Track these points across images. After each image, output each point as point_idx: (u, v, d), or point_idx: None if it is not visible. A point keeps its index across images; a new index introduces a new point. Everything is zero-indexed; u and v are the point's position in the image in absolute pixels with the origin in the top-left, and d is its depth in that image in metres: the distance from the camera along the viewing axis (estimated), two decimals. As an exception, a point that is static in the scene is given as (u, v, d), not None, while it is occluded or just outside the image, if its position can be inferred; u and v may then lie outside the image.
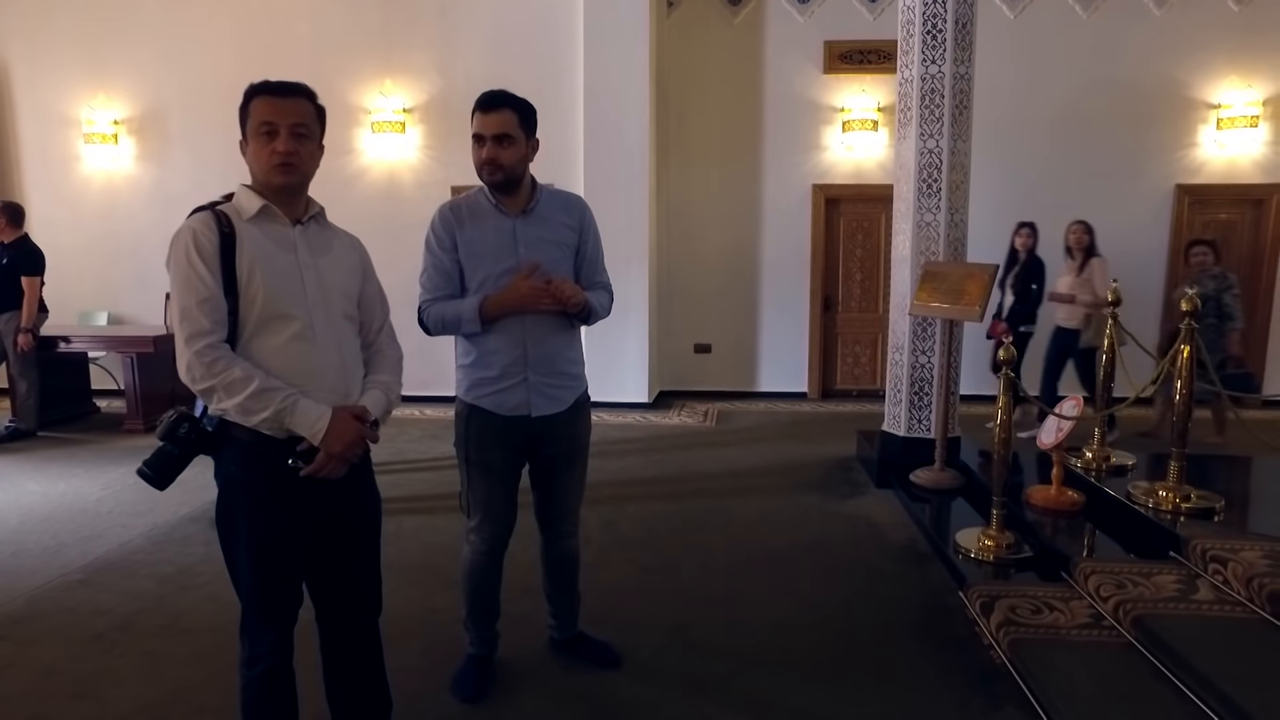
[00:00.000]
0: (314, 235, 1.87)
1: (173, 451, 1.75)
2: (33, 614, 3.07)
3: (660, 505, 4.37)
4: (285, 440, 1.75)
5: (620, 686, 2.58)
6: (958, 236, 4.59)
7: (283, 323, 1.76)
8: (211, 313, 1.69)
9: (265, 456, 1.75)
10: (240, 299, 1.73)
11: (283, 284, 1.77)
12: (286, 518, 1.80)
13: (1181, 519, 3.20)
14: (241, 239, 1.74)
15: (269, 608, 1.85)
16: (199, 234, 1.72)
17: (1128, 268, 6.51)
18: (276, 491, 1.78)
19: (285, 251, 1.81)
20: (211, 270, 1.70)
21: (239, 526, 1.80)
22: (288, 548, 1.82)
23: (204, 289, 1.68)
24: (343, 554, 1.95)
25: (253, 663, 1.85)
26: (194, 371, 1.68)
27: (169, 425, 1.75)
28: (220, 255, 1.72)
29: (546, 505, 2.55)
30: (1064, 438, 3.73)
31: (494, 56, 6.66)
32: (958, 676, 2.64)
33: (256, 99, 1.78)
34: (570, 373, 2.46)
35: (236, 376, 1.68)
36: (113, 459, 5.23)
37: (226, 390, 1.68)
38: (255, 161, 1.78)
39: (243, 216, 1.77)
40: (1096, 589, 2.85)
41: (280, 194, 1.80)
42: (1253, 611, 2.53)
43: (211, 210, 1.76)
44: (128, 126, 7.10)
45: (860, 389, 7.33)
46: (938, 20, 4.40)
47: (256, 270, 1.74)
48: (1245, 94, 6.51)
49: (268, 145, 1.75)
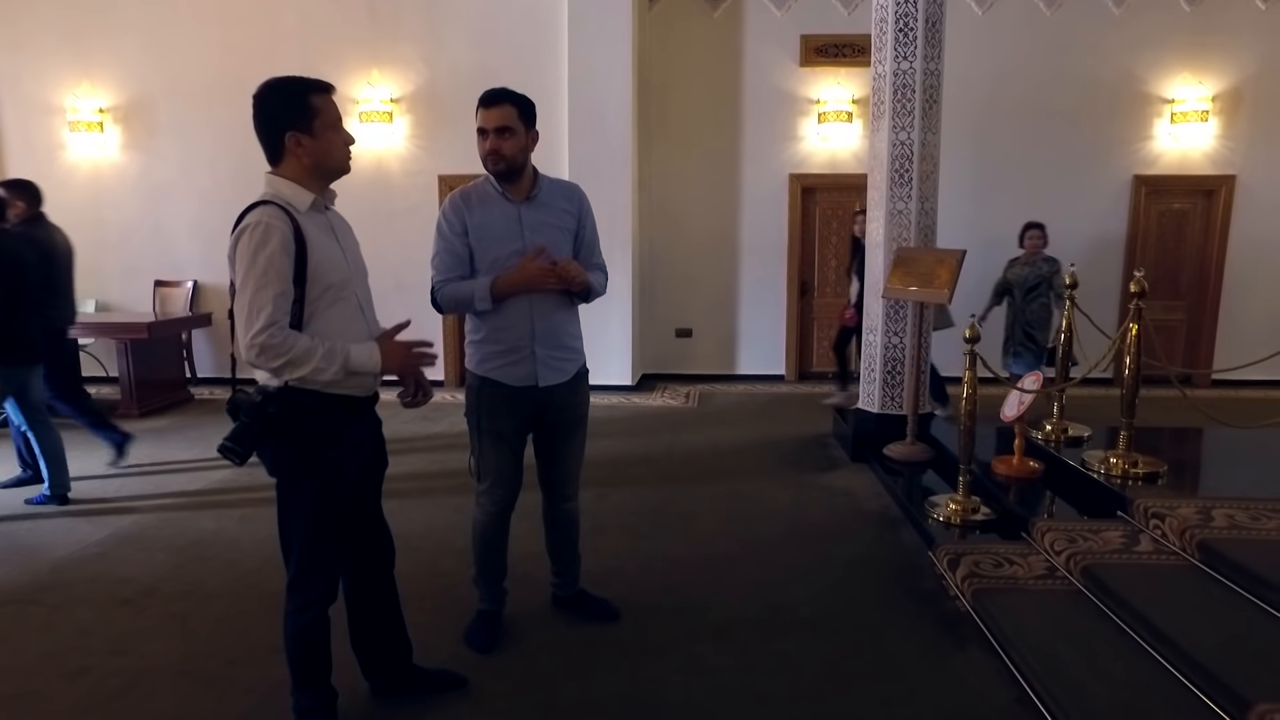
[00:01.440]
0: (336, 220, 2.10)
1: (257, 429, 1.92)
2: (59, 582, 3.23)
3: (648, 480, 4.60)
4: (341, 403, 2.00)
5: (620, 637, 2.81)
6: (928, 224, 4.85)
7: (340, 300, 1.99)
8: (284, 303, 1.88)
9: (321, 414, 1.98)
10: (309, 288, 1.93)
11: (334, 266, 1.99)
12: (341, 473, 2.04)
13: (1129, 483, 3.50)
14: (307, 233, 1.93)
15: (325, 558, 2.08)
16: (281, 230, 1.87)
17: (1089, 253, 6.89)
18: (333, 450, 2.02)
19: (328, 238, 2.03)
20: (289, 264, 1.88)
21: (301, 488, 2.02)
22: (343, 499, 2.07)
23: (280, 282, 1.86)
24: (369, 504, 2.22)
25: (304, 609, 2.07)
26: (268, 353, 1.85)
27: (255, 406, 1.91)
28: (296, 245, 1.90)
29: (550, 469, 2.77)
30: (1025, 410, 4.02)
31: (480, 48, 6.82)
32: (926, 623, 2.91)
33: (321, 96, 1.96)
34: (572, 346, 2.68)
35: (305, 347, 1.89)
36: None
37: (299, 361, 1.88)
38: (333, 153, 1.97)
39: (299, 209, 1.94)
40: (1051, 544, 3.13)
41: (328, 182, 2.03)
42: (1185, 559, 2.82)
43: (277, 206, 1.91)
44: (113, 115, 7.14)
45: (835, 371, 7.59)
46: (909, 19, 4.64)
47: (319, 258, 1.94)
48: (1197, 90, 6.87)
49: (339, 135, 1.97)
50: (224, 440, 1.92)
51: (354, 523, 2.16)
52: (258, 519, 3.89)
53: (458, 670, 2.52)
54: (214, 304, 7.19)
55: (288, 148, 1.95)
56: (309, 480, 2.01)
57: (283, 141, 1.94)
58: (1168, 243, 7.31)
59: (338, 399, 2.00)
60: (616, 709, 2.38)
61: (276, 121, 1.94)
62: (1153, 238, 7.28)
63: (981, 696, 2.43)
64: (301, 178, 1.97)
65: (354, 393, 2.04)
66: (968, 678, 2.54)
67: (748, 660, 2.66)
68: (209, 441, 5.38)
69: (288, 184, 1.96)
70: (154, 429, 5.74)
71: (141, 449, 5.14)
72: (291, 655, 2.11)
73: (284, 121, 1.94)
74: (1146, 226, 7.25)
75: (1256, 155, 6.98)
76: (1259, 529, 2.84)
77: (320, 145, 1.96)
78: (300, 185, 1.97)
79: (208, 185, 7.04)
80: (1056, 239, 7.00)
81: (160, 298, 7.19)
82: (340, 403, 2.01)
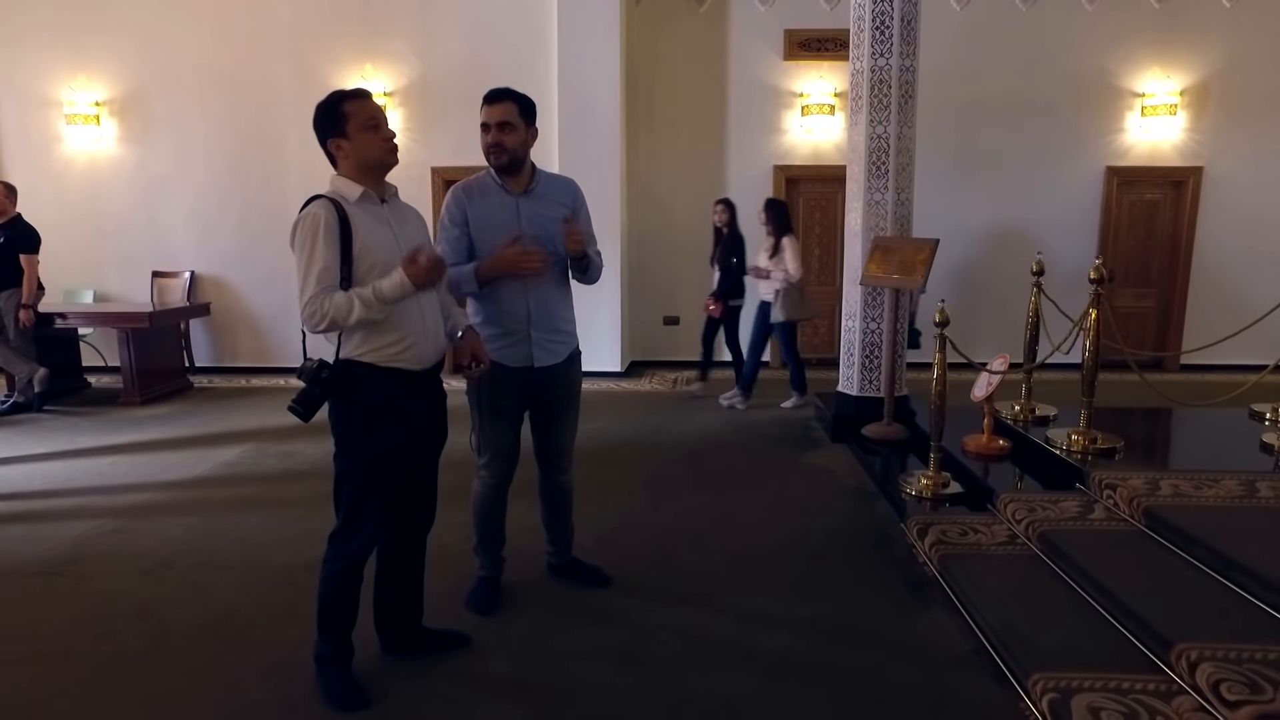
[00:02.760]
0: (395, 210, 2.34)
1: (315, 391, 2.19)
2: (80, 555, 3.41)
3: (636, 459, 4.81)
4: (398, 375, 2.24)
5: (612, 601, 3.02)
6: (904, 214, 5.07)
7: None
8: (328, 278, 2.13)
9: (378, 384, 2.23)
10: (355, 265, 2.18)
11: (384, 251, 2.22)
12: (390, 440, 2.27)
13: (1088, 458, 3.73)
14: (353, 219, 2.19)
15: (369, 516, 2.30)
16: (324, 217, 2.15)
17: (1063, 242, 7.15)
18: (385, 418, 2.25)
19: (381, 225, 2.28)
20: (330, 245, 2.14)
21: (353, 449, 2.27)
22: (390, 464, 2.29)
23: (321, 261, 2.13)
24: (419, 470, 2.44)
25: (340, 558, 2.31)
26: (314, 318, 2.13)
27: (313, 371, 2.19)
28: (340, 233, 2.16)
29: (547, 443, 2.97)
30: (993, 391, 4.25)
31: (471, 43, 6.98)
32: (896, 586, 3.14)
33: (352, 102, 2.21)
34: (566, 330, 2.88)
35: (339, 302, 2.14)
36: (118, 428, 5.50)
37: (340, 314, 2.13)
38: (368, 149, 2.22)
39: (349, 201, 2.21)
40: (1013, 514, 3.36)
41: (379, 175, 2.26)
42: (1132, 525, 3.06)
43: (327, 199, 2.19)
44: (109, 108, 7.25)
45: (819, 357, 7.82)
46: (885, 17, 4.85)
47: (367, 242, 2.20)
48: (1166, 84, 7.11)
49: (378, 135, 2.21)
50: (292, 401, 2.20)
51: (401, 487, 2.37)
52: (263, 500, 4.09)
53: (463, 631, 2.72)
54: (211, 294, 7.33)
55: (333, 153, 2.24)
56: (361, 443, 2.25)
57: (329, 149, 2.24)
58: (1139, 232, 7.56)
59: (394, 371, 2.24)
60: (609, 661, 2.59)
61: (321, 133, 2.24)
62: (1124, 227, 7.54)
63: (944, 650, 2.66)
64: (353, 175, 2.25)
65: (408, 366, 2.26)
66: (932, 634, 2.77)
67: (729, 619, 2.88)
68: (212, 427, 5.57)
69: (342, 180, 2.25)
70: (157, 415, 5.90)
71: (148, 434, 5.31)
72: (321, 601, 2.35)
73: (325, 132, 2.23)
74: (1119, 216, 7.51)
75: (1223, 147, 7.23)
76: (1199, 496, 3.08)
77: (356, 145, 2.22)
78: (352, 181, 2.24)
79: (203, 178, 7.18)
80: (1031, 228, 7.30)
81: (158, 288, 7.32)
82: (397, 375, 2.25)
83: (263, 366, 7.36)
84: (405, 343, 2.25)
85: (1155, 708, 2.10)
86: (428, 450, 2.47)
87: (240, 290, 7.39)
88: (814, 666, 2.57)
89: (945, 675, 2.50)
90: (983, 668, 2.52)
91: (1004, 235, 7.30)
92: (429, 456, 2.49)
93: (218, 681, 2.47)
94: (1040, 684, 2.25)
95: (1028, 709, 2.27)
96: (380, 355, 2.22)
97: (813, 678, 2.50)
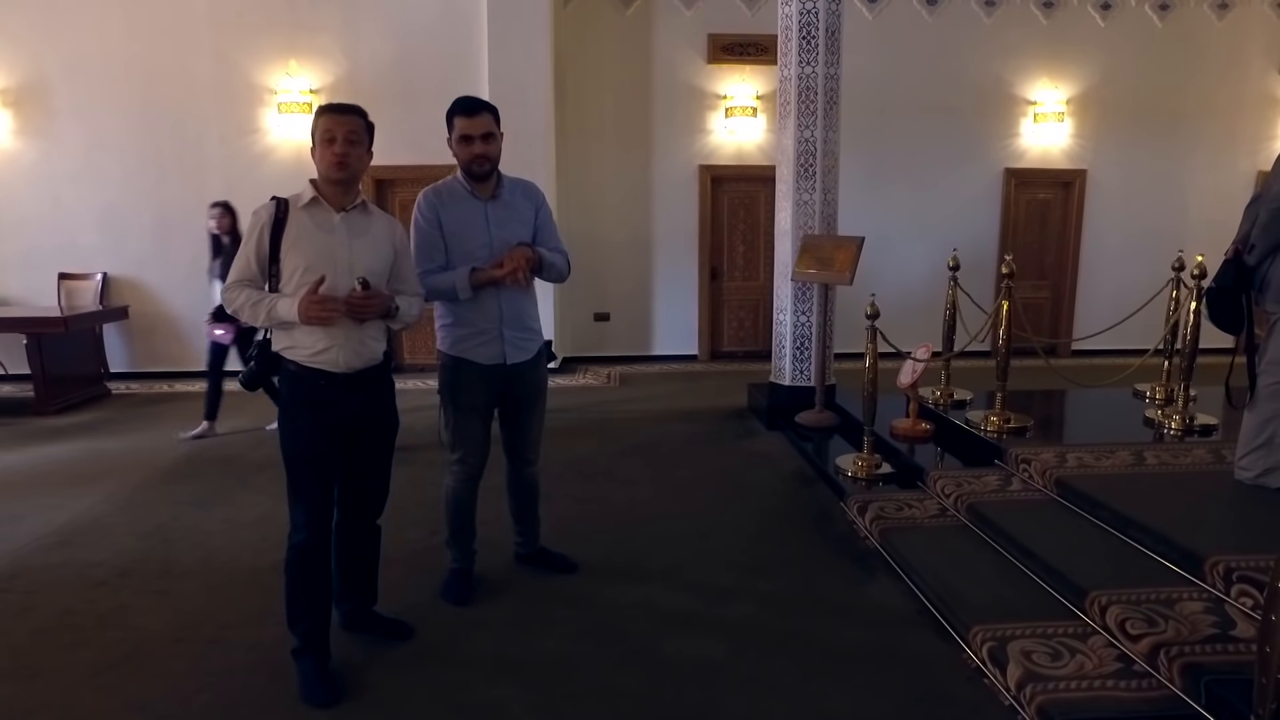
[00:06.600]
0: (353, 221, 2.38)
1: (255, 368, 2.41)
2: (22, 570, 3.30)
3: (582, 452, 4.95)
4: (320, 375, 2.34)
5: (581, 585, 3.17)
6: (830, 213, 5.39)
7: (306, 285, 2.27)
8: (247, 269, 2.32)
9: (302, 380, 2.36)
10: (282, 264, 2.30)
11: (316, 257, 2.30)
12: (316, 423, 2.37)
13: (1003, 436, 4.12)
14: (292, 220, 2.29)
15: (301, 490, 2.40)
16: (262, 215, 2.30)
17: (967, 239, 7.65)
18: (310, 405, 2.37)
19: (324, 232, 2.33)
20: (257, 241, 2.29)
21: (283, 433, 2.40)
22: (315, 444, 2.38)
23: (244, 254, 2.33)
24: (356, 458, 2.50)
25: (293, 534, 2.42)
26: (230, 304, 2.33)
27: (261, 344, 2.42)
28: (271, 230, 2.28)
29: (516, 437, 3.10)
30: (918, 378, 4.60)
31: (399, 41, 6.91)
32: (842, 559, 3.41)
33: (322, 116, 2.30)
34: (533, 328, 3.02)
35: (243, 301, 2.30)
36: (36, 438, 5.25)
37: (242, 310, 2.31)
38: (320, 161, 2.32)
39: (299, 204, 2.31)
40: (942, 489, 3.69)
41: (336, 186, 2.32)
42: (1046, 494, 3.43)
43: (277, 198, 2.30)
44: (3, 98, 6.82)
45: (745, 350, 8.16)
46: (811, 28, 5.14)
47: (297, 245, 2.29)
48: (1054, 93, 7.76)
49: (329, 149, 2.27)
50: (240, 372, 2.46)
51: (334, 474, 2.45)
52: (213, 503, 4.03)
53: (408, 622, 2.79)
54: (127, 296, 7.02)
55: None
56: (288, 434, 2.40)
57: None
58: (1034, 229, 8.21)
59: (316, 370, 2.34)
60: (589, 639, 2.75)
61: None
62: (1022, 224, 8.17)
63: (890, 612, 2.94)
64: (320, 182, 2.36)
65: (328, 368, 2.34)
66: (878, 598, 3.05)
67: (694, 595, 3.08)
68: (140, 433, 5.38)
69: (308, 184, 2.36)
70: (78, 424, 5.65)
71: (72, 443, 5.10)
72: (286, 577, 2.44)
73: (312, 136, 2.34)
74: (1016, 214, 8.13)
75: (1103, 152, 7.95)
76: (1100, 466, 3.48)
77: (315, 156, 2.34)
78: (313, 186, 2.35)
79: (116, 174, 6.85)
80: (940, 227, 7.79)
81: (66, 291, 6.94)
82: (319, 374, 2.34)
83: (184, 371, 7.08)
84: (323, 346, 2.32)
85: (1075, 647, 2.43)
86: (369, 440, 2.52)
87: (158, 292, 7.09)
88: (777, 632, 2.79)
89: (895, 634, 2.77)
90: (926, 626, 2.81)
91: (917, 232, 7.78)
92: (371, 445, 2.54)
93: (202, 684, 2.49)
94: (979, 635, 2.54)
95: (969, 658, 2.57)
96: (300, 355, 2.34)
97: (777, 642, 2.73)
